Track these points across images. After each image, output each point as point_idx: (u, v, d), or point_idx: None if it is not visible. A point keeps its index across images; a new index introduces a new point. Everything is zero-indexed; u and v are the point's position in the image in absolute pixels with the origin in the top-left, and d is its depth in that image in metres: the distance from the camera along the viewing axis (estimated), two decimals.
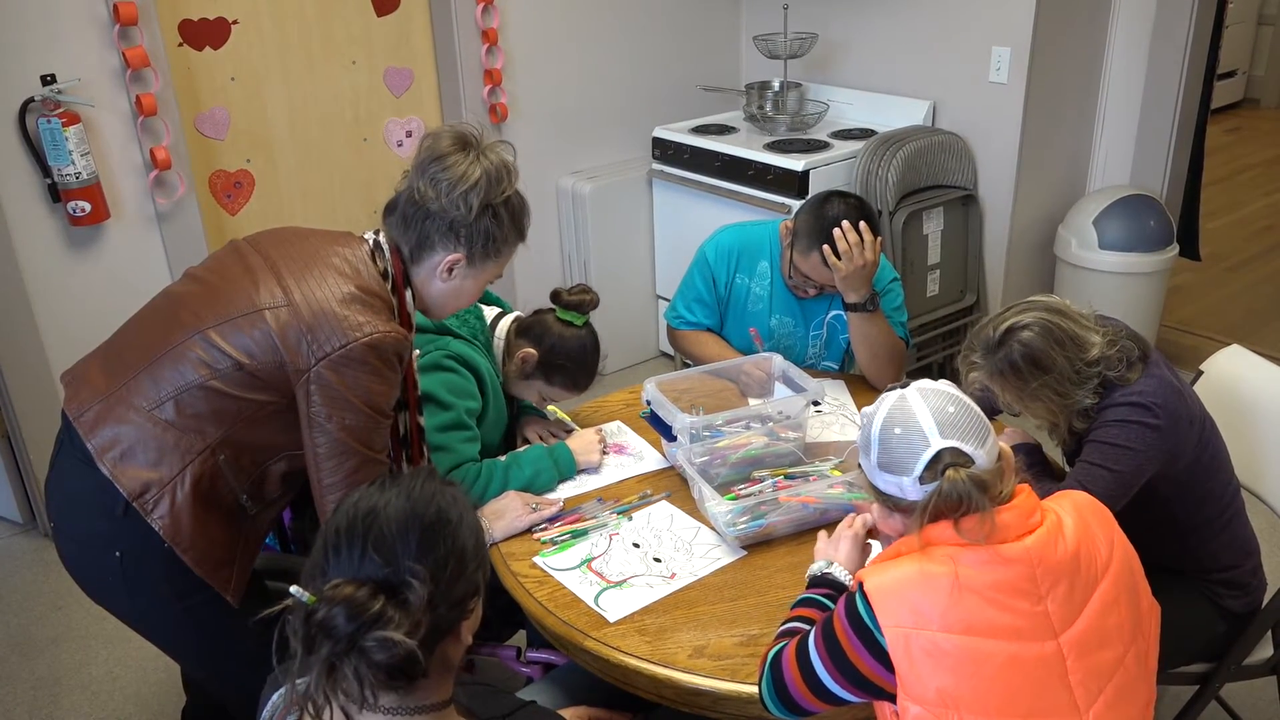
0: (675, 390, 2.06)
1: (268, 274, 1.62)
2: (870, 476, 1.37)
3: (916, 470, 1.29)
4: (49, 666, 2.62)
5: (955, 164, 3.58)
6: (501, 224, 1.69)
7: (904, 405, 1.33)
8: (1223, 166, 6.07)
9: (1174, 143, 3.61)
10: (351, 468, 1.61)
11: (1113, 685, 1.28)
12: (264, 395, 1.59)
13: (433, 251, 1.69)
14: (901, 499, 1.33)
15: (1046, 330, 1.71)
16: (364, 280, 1.63)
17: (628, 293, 4.00)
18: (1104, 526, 1.36)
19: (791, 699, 1.35)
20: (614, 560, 1.78)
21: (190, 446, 1.58)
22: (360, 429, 1.59)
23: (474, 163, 1.65)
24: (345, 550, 1.09)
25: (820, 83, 3.95)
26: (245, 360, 1.57)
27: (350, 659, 1.03)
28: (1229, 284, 4.67)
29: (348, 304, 1.58)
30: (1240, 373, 2.11)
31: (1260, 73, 7.37)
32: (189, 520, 1.59)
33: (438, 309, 1.78)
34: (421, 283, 1.73)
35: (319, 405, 1.57)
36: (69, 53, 2.80)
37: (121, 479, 1.57)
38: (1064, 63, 3.50)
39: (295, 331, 1.56)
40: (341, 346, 1.56)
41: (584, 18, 3.76)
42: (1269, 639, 1.92)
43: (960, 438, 1.29)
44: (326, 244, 1.68)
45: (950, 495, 1.26)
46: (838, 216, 2.17)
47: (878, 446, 1.33)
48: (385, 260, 1.69)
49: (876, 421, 1.34)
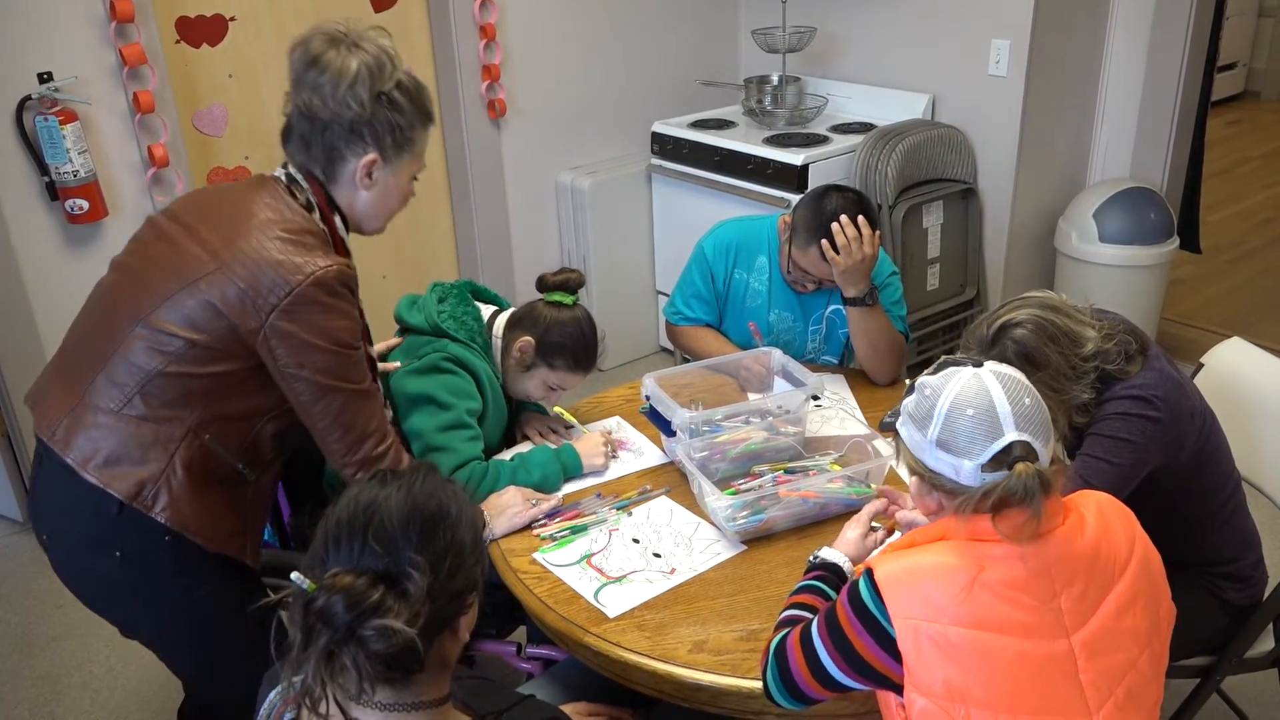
0: (674, 385, 2.06)
1: (190, 242, 1.58)
2: (917, 450, 1.32)
3: (983, 457, 1.25)
4: (50, 664, 2.62)
5: (955, 157, 3.58)
6: (403, 111, 1.63)
7: (980, 386, 1.27)
8: (1223, 159, 6.06)
9: (1174, 135, 3.61)
10: (339, 406, 1.60)
11: (1123, 687, 1.28)
12: (227, 364, 1.57)
13: (345, 161, 1.63)
14: (952, 481, 1.28)
15: (1040, 327, 1.71)
16: (289, 220, 1.59)
17: (627, 288, 4.00)
18: (1125, 526, 1.34)
19: (797, 687, 1.35)
20: (614, 556, 1.78)
21: (171, 435, 1.57)
22: (334, 367, 1.58)
23: (348, 55, 1.58)
24: (345, 541, 1.09)
25: (819, 77, 3.94)
26: (195, 336, 1.54)
27: (348, 648, 1.03)
28: (1229, 277, 4.67)
29: (280, 249, 1.54)
30: (1241, 366, 2.10)
31: (1261, 65, 7.35)
32: (192, 504, 1.58)
33: (371, 219, 1.72)
34: (346, 199, 1.68)
35: (285, 357, 1.55)
36: (66, 50, 2.80)
37: (113, 484, 1.55)
38: (1064, 55, 3.50)
39: (235, 292, 1.53)
40: (288, 294, 1.52)
41: (582, 13, 3.76)
42: (1270, 632, 1.91)
43: (1033, 433, 1.26)
44: (241, 195, 1.63)
45: (1016, 489, 1.22)
46: (836, 211, 2.16)
47: (942, 422, 1.27)
48: (304, 191, 1.64)
49: (946, 397, 1.27)
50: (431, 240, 3.82)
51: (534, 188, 3.84)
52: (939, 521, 1.33)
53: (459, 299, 2.09)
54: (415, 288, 2.21)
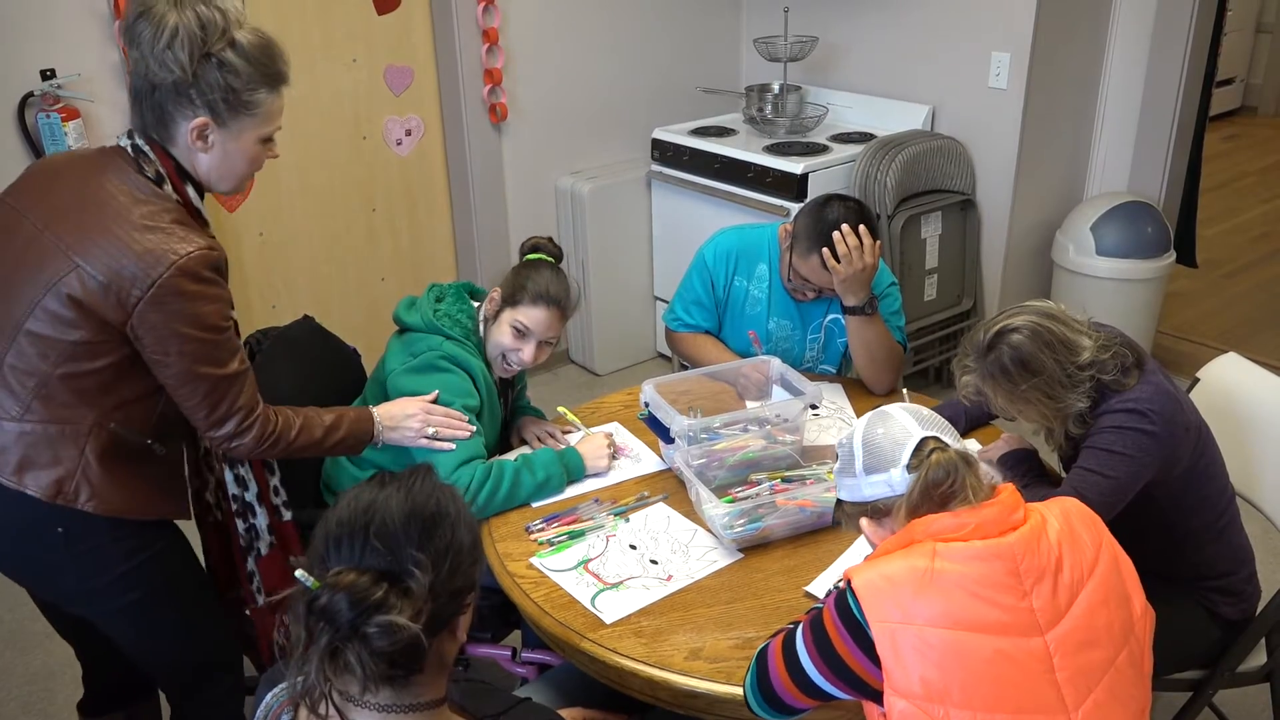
0: (673, 392, 2.06)
1: (45, 240, 1.54)
2: (856, 494, 1.42)
3: (903, 459, 1.36)
4: (43, 661, 2.62)
5: (954, 169, 3.59)
6: (237, 72, 1.55)
7: (880, 413, 1.43)
8: (1220, 173, 6.08)
9: (1172, 149, 3.62)
10: (206, 389, 1.59)
11: (1103, 686, 1.29)
12: (111, 355, 1.56)
13: (175, 123, 1.57)
14: (891, 497, 1.37)
15: (1036, 333, 1.72)
16: (141, 201, 1.54)
17: (626, 294, 4.00)
18: (1091, 530, 1.37)
19: (774, 692, 1.36)
20: (611, 562, 1.78)
21: (76, 431, 1.57)
22: (201, 353, 1.57)
23: (170, 12, 1.50)
24: (347, 541, 1.10)
25: (820, 86, 3.95)
26: (74, 335, 1.53)
27: (352, 645, 1.04)
28: (1226, 291, 4.68)
29: (139, 239, 1.50)
30: (1236, 380, 2.11)
31: (1258, 80, 7.38)
32: (114, 489, 1.59)
33: (218, 181, 1.65)
34: (188, 161, 1.61)
35: (153, 345, 1.54)
36: (69, 47, 2.80)
37: (31, 486, 1.56)
38: (1063, 69, 3.51)
39: (97, 286, 1.50)
40: (151, 286, 1.49)
41: (584, 18, 3.77)
42: (1263, 646, 1.92)
43: (938, 430, 1.38)
44: (86, 178, 1.58)
45: (939, 472, 1.32)
46: (837, 220, 2.17)
47: (863, 451, 1.39)
48: (153, 162, 1.59)
49: (857, 434, 1.42)
50: (431, 243, 3.83)
51: (534, 192, 3.85)
52: (904, 530, 1.36)
53: (455, 298, 2.10)
54: (414, 290, 2.22)
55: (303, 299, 3.52)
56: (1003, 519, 1.32)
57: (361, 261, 3.67)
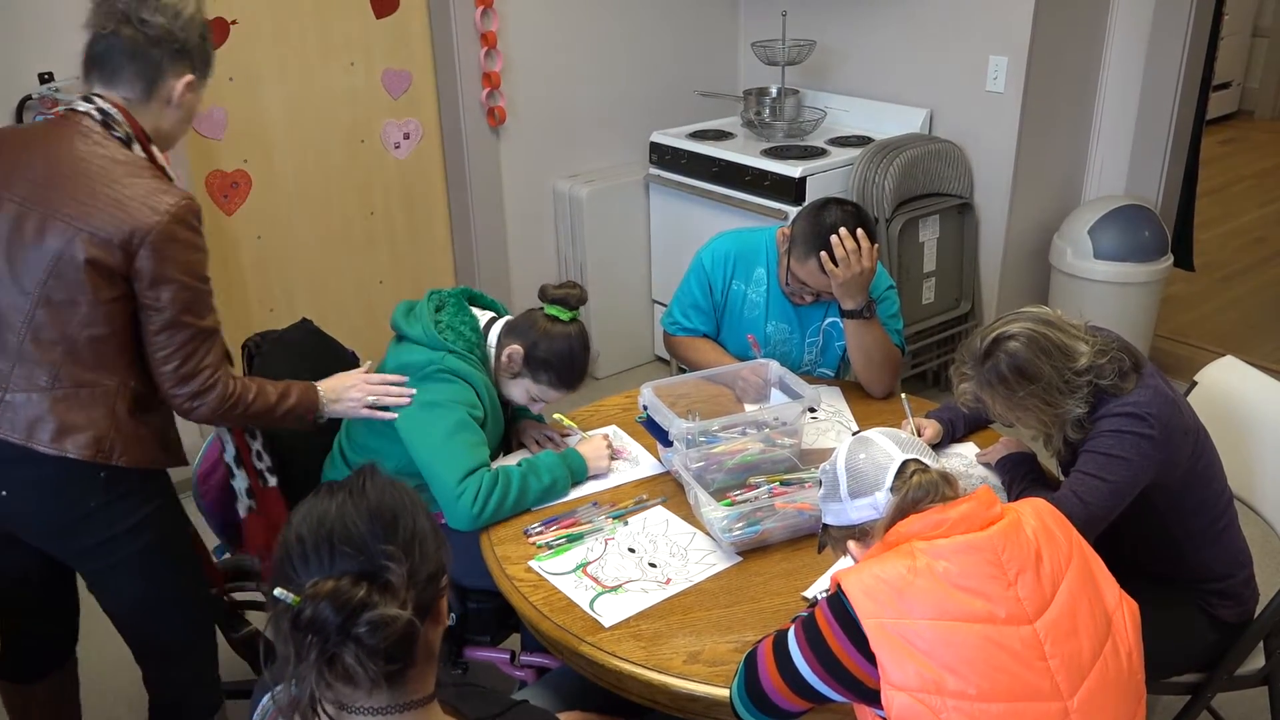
0: (672, 395, 2.06)
1: (38, 215, 1.62)
2: (841, 519, 1.45)
3: (887, 482, 1.39)
4: None
5: (951, 172, 3.59)
6: (210, 40, 1.75)
7: (861, 439, 1.46)
8: (1217, 177, 6.09)
9: (1169, 153, 3.63)
10: (182, 340, 1.68)
11: (1095, 677, 1.30)
12: (130, 313, 1.66)
13: (164, 79, 1.70)
14: (876, 519, 1.40)
15: (1033, 340, 1.72)
16: (119, 162, 1.64)
17: (624, 297, 4.00)
18: (1061, 527, 1.41)
19: (763, 694, 1.36)
20: (609, 565, 1.78)
21: (106, 391, 1.67)
22: (189, 301, 1.66)
23: None
24: (314, 554, 1.09)
25: (818, 89, 3.96)
26: (94, 297, 1.61)
27: (346, 649, 1.03)
28: (1223, 294, 4.69)
29: (127, 195, 1.61)
30: (1234, 383, 2.12)
31: (1254, 84, 7.40)
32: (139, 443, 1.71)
33: (170, 138, 1.78)
34: (154, 118, 1.72)
35: (147, 290, 1.63)
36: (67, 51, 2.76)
37: (71, 449, 1.65)
38: (1061, 72, 3.52)
39: (105, 244, 1.60)
40: (149, 231, 1.60)
41: (583, 22, 3.77)
42: (1261, 649, 1.92)
43: (918, 453, 1.42)
44: (57, 149, 1.66)
45: (920, 491, 1.37)
46: (835, 223, 2.17)
47: (847, 477, 1.43)
48: (120, 124, 1.68)
49: (839, 460, 1.45)
50: (429, 246, 3.83)
51: (532, 195, 3.85)
52: (887, 535, 1.38)
53: (456, 307, 2.07)
54: (412, 294, 2.21)
55: (301, 302, 3.52)
56: (980, 514, 1.35)
57: (359, 265, 3.67)
